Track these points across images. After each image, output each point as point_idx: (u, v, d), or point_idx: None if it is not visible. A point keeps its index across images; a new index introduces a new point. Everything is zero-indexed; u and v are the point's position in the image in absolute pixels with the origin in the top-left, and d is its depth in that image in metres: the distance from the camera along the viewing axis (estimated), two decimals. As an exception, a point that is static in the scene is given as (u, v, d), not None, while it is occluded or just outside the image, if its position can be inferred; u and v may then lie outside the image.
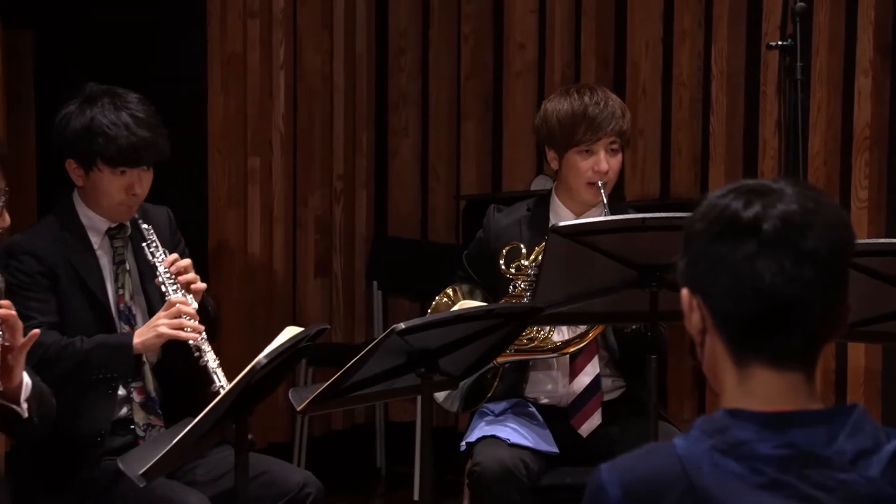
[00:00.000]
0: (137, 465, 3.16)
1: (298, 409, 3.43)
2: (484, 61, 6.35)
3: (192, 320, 3.72)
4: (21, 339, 3.13)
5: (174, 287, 3.78)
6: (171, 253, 3.86)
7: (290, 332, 3.34)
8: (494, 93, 6.34)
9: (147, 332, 3.74)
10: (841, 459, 1.84)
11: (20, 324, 3.12)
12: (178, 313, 3.71)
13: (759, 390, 1.88)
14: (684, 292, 1.92)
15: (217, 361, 3.68)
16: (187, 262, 3.83)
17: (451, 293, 4.18)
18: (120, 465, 3.26)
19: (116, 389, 3.83)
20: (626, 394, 4.27)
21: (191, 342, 3.69)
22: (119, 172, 3.81)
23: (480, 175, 6.39)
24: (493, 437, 4.07)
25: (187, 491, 3.71)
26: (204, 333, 3.72)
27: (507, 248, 4.16)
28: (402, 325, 3.27)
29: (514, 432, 4.08)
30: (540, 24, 6.19)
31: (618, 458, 1.91)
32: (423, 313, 5.02)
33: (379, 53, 6.45)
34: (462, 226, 6.19)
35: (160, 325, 3.72)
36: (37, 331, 3.15)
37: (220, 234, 5.95)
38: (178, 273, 3.79)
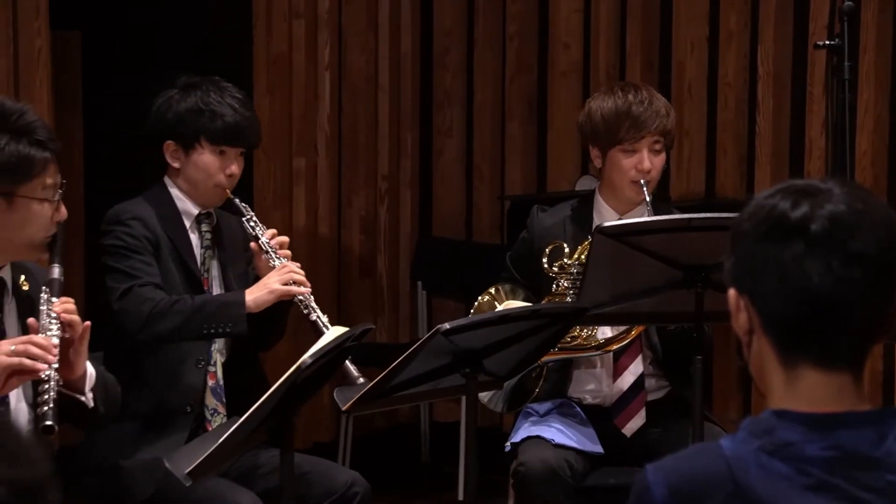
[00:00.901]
0: (184, 463, 3.18)
1: (343, 408, 3.43)
2: (529, 61, 6.34)
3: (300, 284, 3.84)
4: (80, 332, 3.16)
5: (276, 255, 3.91)
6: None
7: (336, 331, 3.35)
8: (539, 92, 6.33)
9: (259, 290, 3.85)
10: (890, 460, 1.83)
11: (78, 318, 3.15)
12: (290, 275, 3.84)
13: (806, 391, 1.87)
14: (731, 293, 1.91)
15: (326, 317, 3.82)
16: (286, 238, 3.98)
17: (493, 292, 4.18)
18: (167, 465, 3.28)
19: (208, 363, 3.92)
20: (670, 394, 4.26)
21: (299, 299, 3.82)
22: (219, 152, 3.94)
23: (525, 175, 6.39)
24: (538, 437, 4.06)
25: (238, 489, 3.73)
26: (311, 292, 3.85)
27: (551, 246, 4.15)
28: (446, 326, 3.27)
29: (558, 433, 4.08)
30: (585, 24, 6.18)
31: (663, 458, 1.90)
32: (468, 313, 5.02)
33: (424, 53, 6.45)
34: (506, 226, 6.18)
35: (272, 283, 3.83)
36: (88, 323, 3.18)
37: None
38: (280, 247, 3.93)
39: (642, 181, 4.10)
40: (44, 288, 3.20)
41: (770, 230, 1.86)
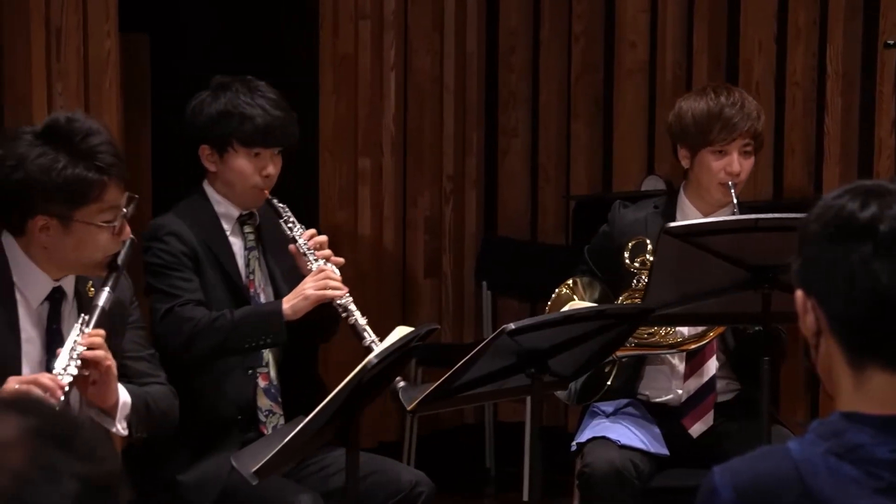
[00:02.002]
0: (250, 462, 3.20)
1: (408, 408, 3.44)
2: (594, 60, 6.32)
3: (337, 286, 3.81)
4: (102, 370, 3.15)
5: (314, 258, 3.87)
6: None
7: (401, 331, 3.36)
8: (605, 92, 6.32)
9: (295, 297, 3.81)
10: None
11: (101, 355, 3.15)
12: (326, 279, 3.80)
13: (875, 393, 1.85)
14: (799, 294, 1.90)
15: (365, 319, 3.76)
16: (324, 238, 3.93)
17: (571, 285, 4.17)
18: (233, 462, 3.30)
19: (255, 373, 3.91)
20: (739, 395, 4.23)
21: (337, 302, 3.78)
22: (253, 154, 3.89)
23: (590, 175, 6.37)
24: (604, 437, 4.05)
25: (301, 489, 3.74)
26: (349, 295, 3.80)
27: (633, 242, 4.14)
28: (512, 326, 3.27)
29: (624, 433, 4.07)
30: (651, 23, 6.15)
31: (731, 460, 1.89)
32: (533, 313, 5.03)
33: (489, 53, 6.45)
34: (572, 226, 6.17)
35: (307, 289, 3.80)
36: (111, 363, 3.17)
37: (330, 235, 5.94)
38: (317, 248, 3.88)
39: (730, 183, 4.09)
40: (83, 316, 3.19)
41: (838, 231, 1.85)
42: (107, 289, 3.23)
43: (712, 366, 4.18)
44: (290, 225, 3.91)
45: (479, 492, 5.97)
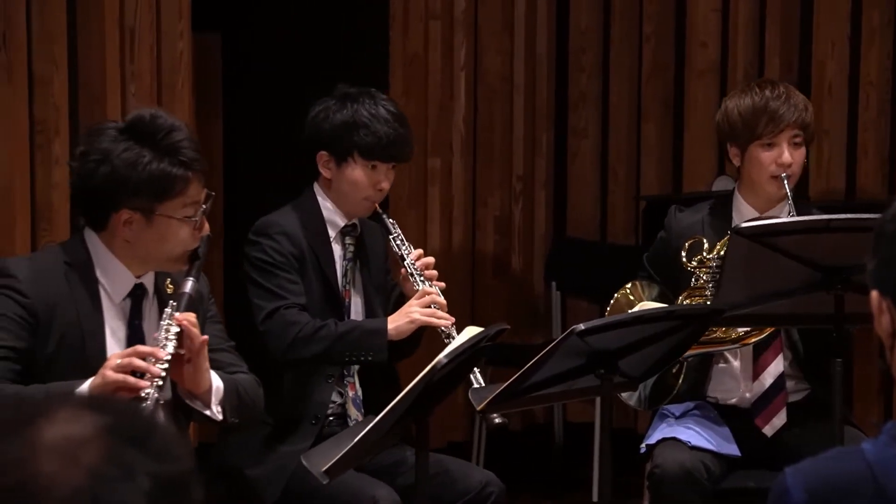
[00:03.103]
0: (321, 461, 3.21)
1: (478, 408, 3.44)
2: (665, 61, 6.30)
3: (441, 309, 3.84)
4: (197, 346, 3.19)
5: (421, 279, 3.89)
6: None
7: (470, 331, 3.37)
8: (675, 92, 6.29)
9: (400, 319, 3.85)
10: None
11: (196, 331, 3.18)
12: (431, 302, 3.84)
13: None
14: (874, 295, 1.88)
15: None
16: (431, 259, 3.98)
17: (630, 287, 4.17)
18: (304, 461, 3.32)
19: (333, 378, 3.94)
20: (810, 396, 4.20)
21: (442, 329, 3.80)
22: (371, 166, 3.94)
23: (661, 175, 6.35)
24: (674, 439, 4.04)
25: (376, 483, 3.77)
26: (454, 322, 3.82)
27: (690, 241, 4.14)
28: (581, 326, 3.27)
29: (695, 434, 4.05)
30: (723, 23, 6.12)
31: (803, 461, 1.88)
32: (602, 314, 5.00)
33: (559, 53, 6.44)
34: (642, 227, 6.15)
35: (413, 312, 3.84)
36: (205, 337, 3.21)
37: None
38: (424, 268, 3.91)
39: (783, 175, 4.07)
40: (171, 302, 3.23)
41: (914, 232, 1.83)
42: (191, 279, 3.27)
43: (779, 365, 4.16)
44: (398, 242, 3.94)
45: (547, 493, 5.96)
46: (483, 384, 3.69)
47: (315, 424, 3.90)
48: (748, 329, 4.08)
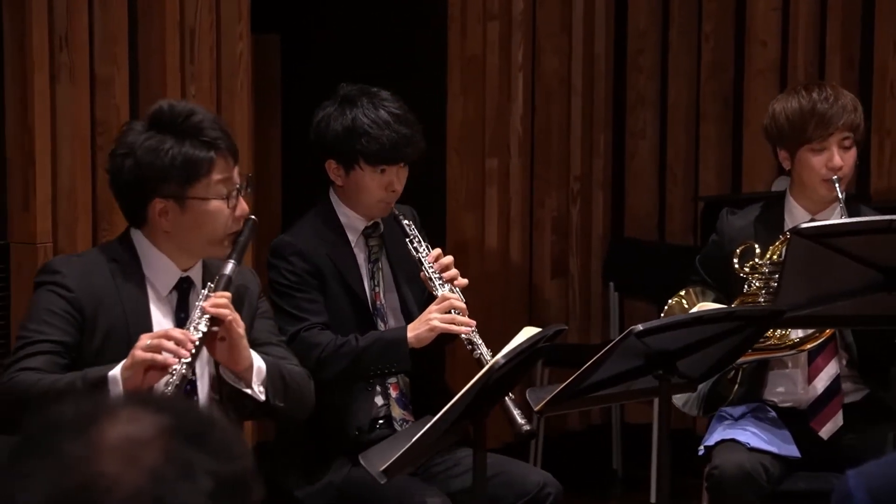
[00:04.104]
0: (378, 461, 3.22)
1: (536, 409, 3.44)
2: (724, 60, 6.27)
3: (461, 314, 3.77)
4: (228, 324, 3.20)
5: (440, 282, 3.83)
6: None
7: (528, 332, 3.36)
8: (734, 92, 6.25)
9: (420, 326, 3.80)
10: None
11: (225, 312, 3.20)
12: (450, 308, 3.77)
13: None
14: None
15: (490, 353, 3.69)
16: (450, 259, 3.89)
17: (683, 294, 4.16)
18: (361, 462, 3.32)
19: (375, 386, 3.91)
20: (868, 397, 4.17)
21: (463, 336, 3.73)
22: (379, 171, 3.88)
23: (719, 176, 6.31)
24: (733, 440, 4.02)
25: (427, 488, 3.76)
26: (475, 327, 3.76)
27: (742, 247, 4.11)
28: (640, 327, 3.26)
29: (753, 436, 4.03)
30: (783, 22, 6.08)
31: (866, 464, 1.87)
32: (660, 315, 4.98)
33: (617, 54, 6.42)
34: (700, 227, 6.12)
35: (433, 319, 3.78)
36: (232, 317, 3.21)
37: (457, 236, 6.01)
38: (443, 269, 3.85)
39: (834, 178, 4.04)
40: (209, 284, 3.26)
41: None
42: (232, 261, 3.28)
43: (834, 367, 4.13)
44: (415, 245, 3.89)
45: (605, 493, 5.95)
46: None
47: (360, 435, 3.88)
48: (803, 335, 4.06)
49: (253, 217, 3.38)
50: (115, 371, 3.10)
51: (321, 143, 3.93)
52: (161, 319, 3.31)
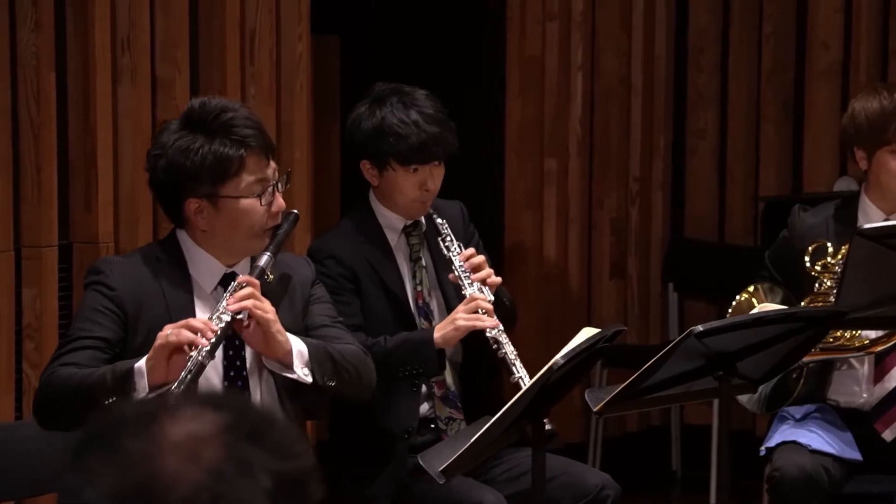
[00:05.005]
0: (437, 461, 3.22)
1: (595, 409, 3.43)
2: (785, 61, 6.23)
3: (488, 315, 3.75)
4: (255, 314, 3.22)
5: (469, 282, 3.82)
6: (466, 247, 3.92)
7: (587, 332, 3.36)
8: (796, 93, 6.22)
9: (446, 327, 3.79)
10: None
11: (248, 304, 3.21)
12: (476, 308, 3.75)
13: None
14: None
15: (515, 353, 3.69)
16: (481, 258, 3.87)
17: (751, 291, 4.13)
18: (420, 462, 3.33)
19: (420, 385, 3.91)
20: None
21: (489, 334, 3.71)
22: (411, 170, 3.86)
23: (780, 177, 6.28)
24: (794, 442, 4.00)
25: (484, 489, 3.76)
26: (501, 326, 3.74)
27: (813, 245, 4.09)
28: (699, 328, 3.25)
29: (815, 438, 4.01)
30: (845, 23, 6.04)
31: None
32: (720, 316, 4.97)
33: (678, 53, 6.40)
34: (761, 228, 6.09)
35: (458, 319, 3.76)
36: (248, 304, 3.22)
37: (515, 236, 6.01)
38: (474, 269, 3.84)
39: None
40: (238, 277, 3.27)
41: None
42: (267, 253, 3.30)
43: (901, 368, 4.10)
44: (447, 245, 3.88)
45: (665, 495, 5.93)
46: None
47: (407, 438, 3.87)
48: (875, 336, 4.02)
49: (295, 211, 3.40)
50: (141, 362, 3.13)
51: (354, 143, 3.93)
52: (205, 315, 3.32)
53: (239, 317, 3.21)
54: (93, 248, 4.40)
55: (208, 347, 3.12)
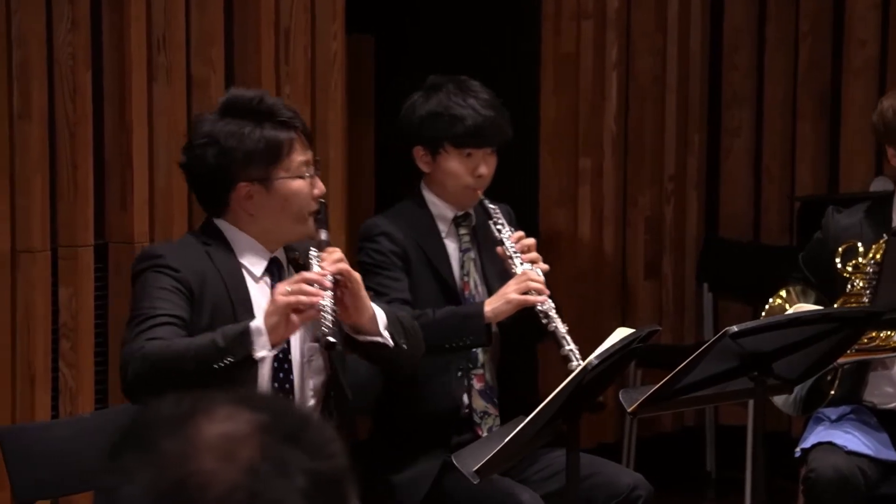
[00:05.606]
0: (471, 461, 3.22)
1: (629, 410, 3.43)
2: (822, 59, 6.20)
3: (538, 292, 3.78)
4: (352, 277, 3.28)
5: (520, 261, 3.84)
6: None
7: (622, 333, 3.35)
8: (832, 91, 6.19)
9: (497, 300, 3.81)
10: None
11: (347, 266, 3.28)
12: (528, 286, 3.77)
13: None
14: None
15: (566, 328, 3.71)
16: (532, 241, 3.90)
17: (784, 295, 4.12)
18: (454, 461, 3.33)
19: (462, 379, 3.92)
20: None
21: (538, 307, 3.74)
22: (465, 154, 3.90)
23: (816, 175, 6.25)
24: (830, 443, 3.98)
25: (520, 488, 3.76)
26: (551, 302, 3.76)
27: (844, 246, 4.07)
28: (734, 328, 3.24)
29: (852, 439, 3.99)
30: (883, 20, 6.00)
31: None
32: (755, 316, 4.95)
33: (713, 52, 6.38)
34: (796, 227, 6.06)
35: (510, 292, 3.79)
36: (344, 266, 3.28)
37: (550, 234, 6.00)
38: (524, 251, 3.85)
39: None
40: (312, 249, 3.33)
41: None
42: (324, 230, 3.38)
43: (937, 369, 4.08)
44: (498, 227, 3.89)
45: (699, 496, 5.91)
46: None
47: (453, 422, 3.89)
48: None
49: (322, 200, 3.44)
50: (258, 322, 3.15)
51: (408, 129, 3.95)
52: (259, 300, 3.35)
53: (339, 278, 3.26)
54: (128, 248, 4.42)
55: (330, 293, 3.19)
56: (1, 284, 4.22)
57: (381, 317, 3.37)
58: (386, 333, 3.36)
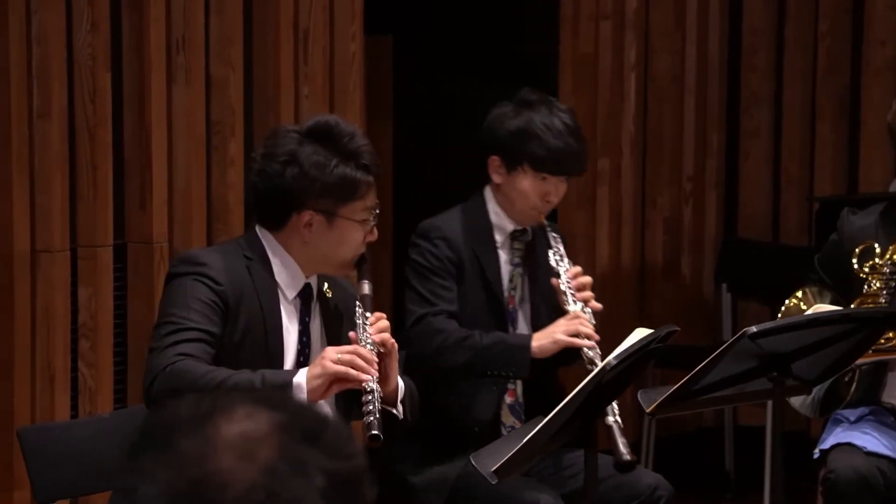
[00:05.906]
0: (490, 462, 3.22)
1: (648, 410, 3.43)
2: (841, 60, 6.19)
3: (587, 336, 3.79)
4: (391, 349, 3.26)
5: (574, 299, 3.85)
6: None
7: (640, 333, 3.35)
8: (851, 92, 6.17)
9: (544, 338, 3.84)
10: None
11: (390, 338, 3.26)
12: (577, 326, 3.80)
13: None
14: None
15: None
16: (588, 279, 3.92)
17: (800, 296, 4.11)
18: (472, 462, 3.33)
19: (504, 388, 3.93)
20: None
21: (584, 352, 3.76)
22: (541, 178, 3.93)
23: (835, 176, 6.24)
24: (849, 444, 3.97)
25: (540, 488, 3.76)
26: (597, 348, 3.77)
27: (861, 247, 4.06)
28: (753, 329, 3.23)
29: (871, 440, 3.98)
30: (902, 20, 5.99)
31: None
32: (774, 317, 4.95)
33: (731, 53, 6.37)
34: (815, 228, 6.05)
35: (558, 333, 3.81)
36: (396, 344, 3.25)
37: (568, 235, 5.97)
38: (579, 288, 3.86)
39: None
40: (357, 304, 3.31)
41: None
42: (367, 281, 3.35)
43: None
44: (557, 258, 3.91)
45: (718, 496, 5.90)
46: None
47: (478, 433, 3.89)
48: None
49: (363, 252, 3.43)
50: (300, 378, 3.13)
51: (491, 138, 3.97)
52: (289, 322, 3.35)
53: (382, 350, 3.26)
54: (147, 248, 4.43)
55: (377, 376, 3.17)
56: (21, 284, 4.23)
57: (400, 390, 3.35)
58: (401, 407, 3.34)
